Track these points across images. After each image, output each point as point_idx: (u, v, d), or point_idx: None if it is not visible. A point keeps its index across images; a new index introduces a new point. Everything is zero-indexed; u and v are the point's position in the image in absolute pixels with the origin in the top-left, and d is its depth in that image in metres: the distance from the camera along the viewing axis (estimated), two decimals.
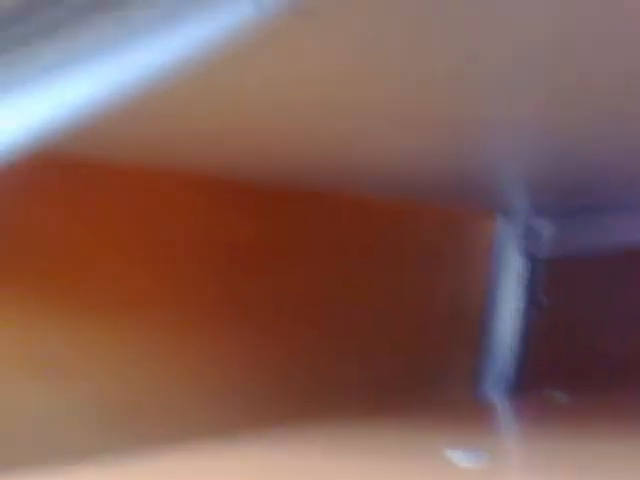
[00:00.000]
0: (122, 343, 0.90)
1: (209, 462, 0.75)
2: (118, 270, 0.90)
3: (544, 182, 1.06)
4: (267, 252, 1.04)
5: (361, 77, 0.59)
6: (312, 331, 1.08)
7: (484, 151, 0.86)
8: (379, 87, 0.61)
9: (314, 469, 0.73)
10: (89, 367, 0.88)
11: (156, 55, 0.36)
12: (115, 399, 0.89)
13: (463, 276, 1.28)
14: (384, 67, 0.56)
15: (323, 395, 1.08)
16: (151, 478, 0.70)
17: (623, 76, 0.60)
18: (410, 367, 1.18)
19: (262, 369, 1.01)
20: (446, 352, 1.25)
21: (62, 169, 0.84)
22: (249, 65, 0.52)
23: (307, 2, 0.38)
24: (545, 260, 1.30)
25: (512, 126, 0.75)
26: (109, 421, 0.88)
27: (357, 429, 0.91)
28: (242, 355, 1.00)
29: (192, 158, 0.87)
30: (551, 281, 1.32)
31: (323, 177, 0.99)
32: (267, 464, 0.75)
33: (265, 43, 0.42)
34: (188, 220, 0.96)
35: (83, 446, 0.85)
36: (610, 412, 1.06)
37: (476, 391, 1.26)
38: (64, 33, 0.40)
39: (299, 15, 0.38)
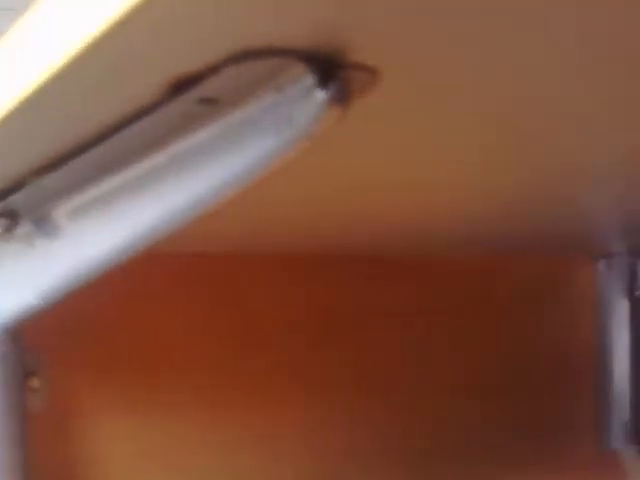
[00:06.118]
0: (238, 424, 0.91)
1: None
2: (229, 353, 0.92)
3: None
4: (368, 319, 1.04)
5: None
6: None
7: (579, 197, 0.86)
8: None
9: None
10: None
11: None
12: None
13: (568, 322, 1.26)
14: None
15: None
16: None
17: None
18: (536, 416, 1.16)
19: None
20: (563, 401, 1.23)
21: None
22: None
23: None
24: None
25: (607, 171, 0.75)
26: None
27: None
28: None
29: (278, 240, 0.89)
30: None
31: (423, 242, 1.00)
32: None
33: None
34: (283, 296, 0.98)
35: None
36: None
37: (596, 439, 1.23)
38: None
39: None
